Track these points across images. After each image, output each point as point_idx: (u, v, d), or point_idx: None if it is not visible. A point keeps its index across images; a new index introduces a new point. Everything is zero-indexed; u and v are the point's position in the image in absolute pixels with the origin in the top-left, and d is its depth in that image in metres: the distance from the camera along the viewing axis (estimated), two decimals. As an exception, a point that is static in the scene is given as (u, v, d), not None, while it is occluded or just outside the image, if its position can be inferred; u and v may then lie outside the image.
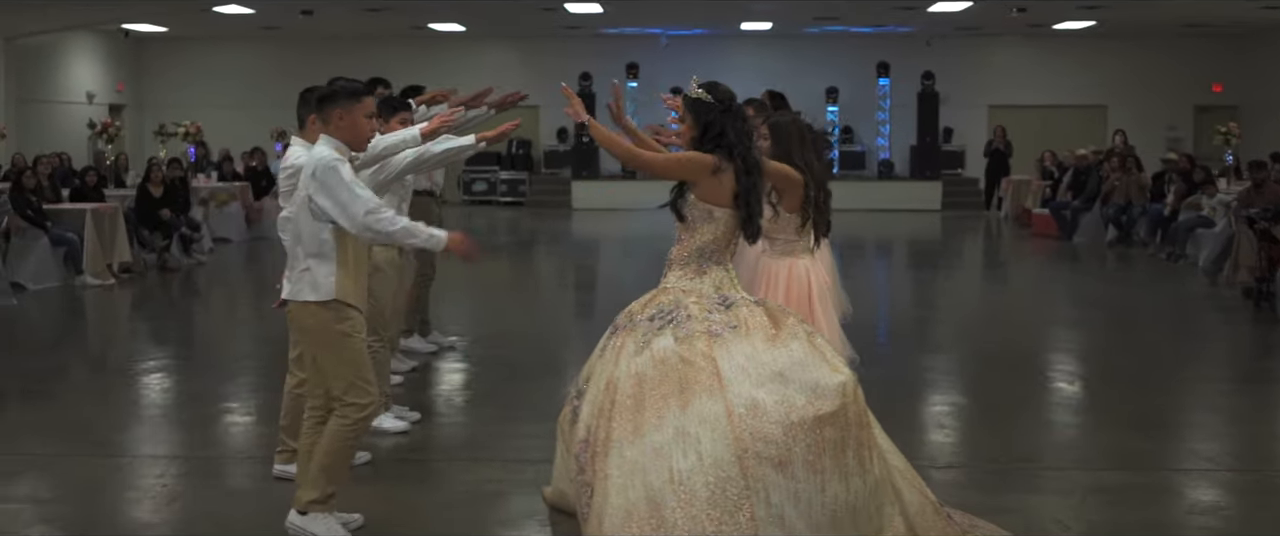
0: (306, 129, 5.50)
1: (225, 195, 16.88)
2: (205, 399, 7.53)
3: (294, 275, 4.68)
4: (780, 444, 4.02)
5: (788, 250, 5.43)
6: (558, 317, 11.70)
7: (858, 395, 4.17)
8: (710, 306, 4.33)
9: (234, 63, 25.45)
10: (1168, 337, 10.23)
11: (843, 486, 4.07)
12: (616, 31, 24.26)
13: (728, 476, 4.00)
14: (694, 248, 4.47)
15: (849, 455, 4.09)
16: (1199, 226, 13.98)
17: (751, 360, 4.15)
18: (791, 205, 5.37)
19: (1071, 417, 7.18)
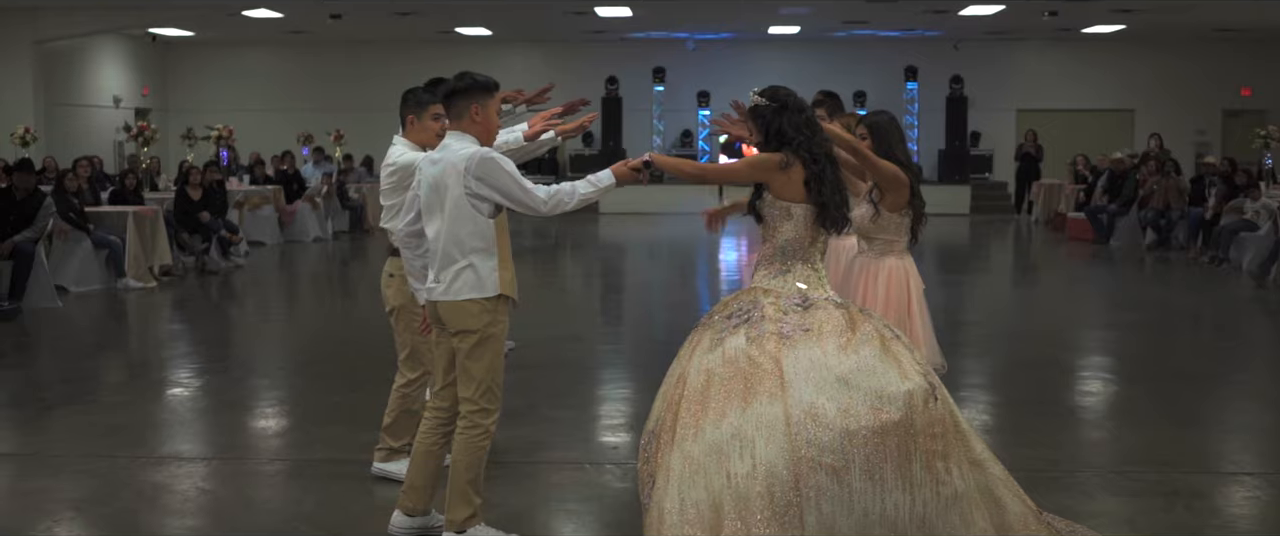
0: (408, 128, 5.45)
1: (259, 198, 16.87)
2: (247, 402, 7.49)
3: (448, 274, 4.53)
4: (837, 451, 3.95)
5: (886, 250, 5.34)
6: (588, 321, 11.62)
7: (929, 405, 4.07)
8: (787, 307, 4.29)
9: (260, 67, 25.49)
10: (1223, 341, 10.15)
11: (907, 497, 3.98)
12: (643, 36, 24.23)
13: (779, 482, 3.94)
14: (777, 246, 4.47)
15: (915, 466, 4.00)
16: (1242, 230, 13.87)
17: (817, 365, 4.09)
18: (895, 204, 5.26)
19: (1134, 420, 7.06)
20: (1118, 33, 23.13)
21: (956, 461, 4.10)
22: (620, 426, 6.76)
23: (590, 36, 23.91)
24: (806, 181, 4.39)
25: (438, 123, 5.36)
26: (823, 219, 4.43)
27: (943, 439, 4.08)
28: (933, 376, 4.22)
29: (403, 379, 5.56)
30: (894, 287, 5.24)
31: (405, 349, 5.51)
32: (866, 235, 5.31)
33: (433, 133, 5.38)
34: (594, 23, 21.51)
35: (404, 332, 5.48)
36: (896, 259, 5.31)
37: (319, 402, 7.39)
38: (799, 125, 4.44)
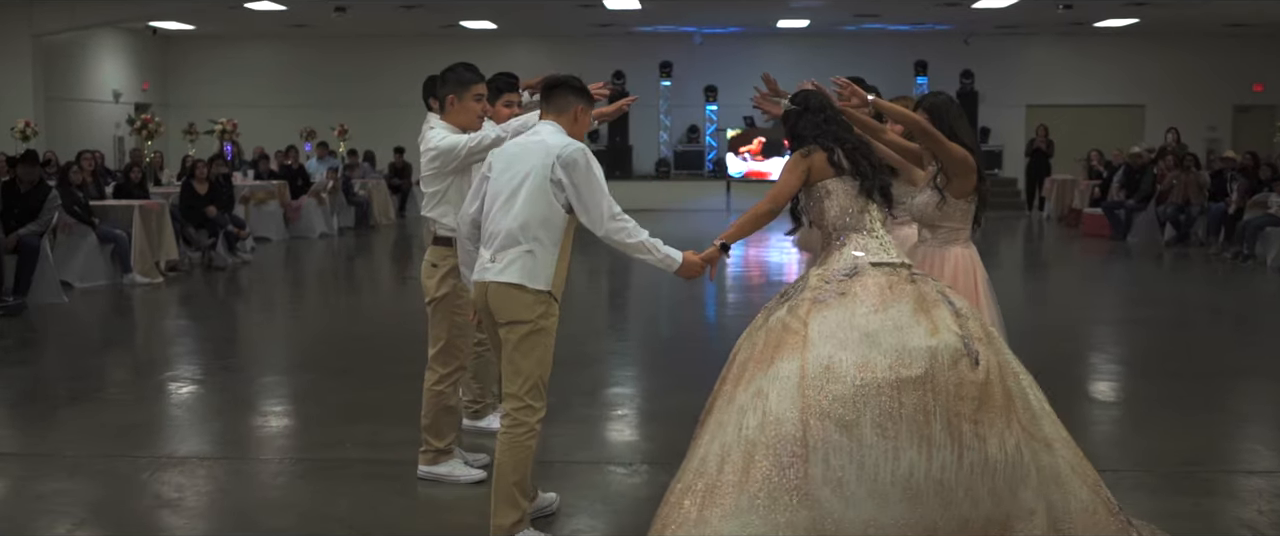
0: (448, 109, 5.20)
1: (264, 193, 16.60)
2: (263, 400, 7.26)
3: (506, 255, 4.36)
4: (849, 403, 3.88)
5: (950, 239, 5.07)
6: (594, 316, 11.36)
7: (959, 365, 3.96)
8: (831, 277, 4.26)
9: (263, 62, 25.20)
10: (1260, 338, 9.89)
11: (922, 457, 3.86)
12: (650, 30, 23.98)
13: (786, 434, 3.89)
14: (826, 229, 4.45)
15: (935, 425, 3.88)
16: (1268, 225, 13.63)
17: (843, 324, 4.05)
18: (962, 190, 5.00)
19: (1210, 417, 6.80)
20: (1129, 27, 22.89)
21: (997, 430, 3.95)
22: (629, 422, 6.51)
23: (596, 30, 23.65)
24: (830, 158, 4.42)
25: (480, 103, 5.12)
26: (865, 187, 4.40)
27: (977, 403, 3.94)
28: (983, 343, 4.07)
29: (434, 375, 5.28)
30: (961, 277, 4.97)
31: (439, 342, 5.24)
32: (930, 223, 5.05)
33: (474, 114, 5.14)
34: (600, 16, 21.25)
35: (440, 324, 5.22)
36: (962, 248, 5.05)
37: (339, 400, 7.12)
38: (816, 124, 4.49)
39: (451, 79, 5.20)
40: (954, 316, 4.11)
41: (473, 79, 5.19)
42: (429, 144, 5.16)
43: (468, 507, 5.07)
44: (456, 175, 5.17)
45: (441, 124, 5.21)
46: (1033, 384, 4.18)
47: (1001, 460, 3.93)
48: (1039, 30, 24.07)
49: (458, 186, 5.17)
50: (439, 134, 5.16)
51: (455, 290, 5.14)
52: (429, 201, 5.23)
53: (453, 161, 5.11)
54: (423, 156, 5.21)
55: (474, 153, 5.09)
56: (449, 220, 5.16)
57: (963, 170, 4.93)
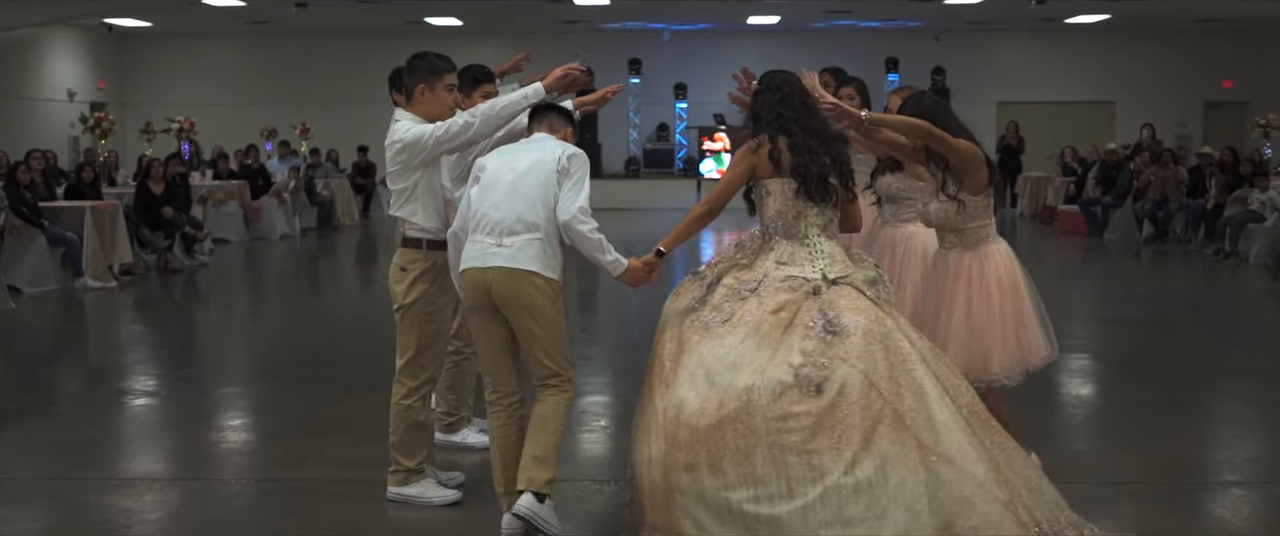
0: (417, 100, 4.82)
1: (223, 193, 16.12)
2: (221, 414, 6.86)
3: (516, 240, 4.41)
4: (689, 448, 4.03)
5: (981, 238, 4.79)
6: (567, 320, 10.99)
7: (786, 399, 3.97)
8: (740, 286, 4.31)
9: (222, 59, 24.66)
10: (1266, 339, 9.65)
11: (751, 495, 3.94)
12: (618, 26, 23.64)
13: (656, 478, 4.10)
14: (764, 224, 4.44)
15: (758, 462, 3.94)
16: (1249, 222, 13.43)
17: (707, 359, 4.14)
18: (977, 185, 4.72)
19: (1194, 422, 6.52)
20: (1099, 24, 22.77)
21: (848, 455, 3.91)
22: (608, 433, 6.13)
23: (563, 27, 23.26)
24: (771, 153, 4.35)
25: (453, 94, 4.76)
26: (803, 190, 4.33)
27: (810, 433, 3.93)
28: (850, 364, 4.00)
29: (402, 388, 4.87)
30: (1006, 276, 4.76)
31: (408, 352, 4.83)
32: (955, 229, 4.78)
33: (447, 105, 4.77)
34: (568, 12, 20.89)
35: (410, 333, 4.82)
36: (994, 245, 4.80)
37: (302, 413, 6.72)
38: (771, 105, 4.43)
39: (421, 68, 4.82)
40: (819, 343, 4.06)
41: (445, 67, 4.82)
42: (394, 136, 4.77)
43: (442, 531, 4.70)
44: (425, 169, 4.79)
45: (407, 116, 4.82)
46: (941, 398, 4.05)
47: (851, 483, 3.90)
48: (1010, 26, 23.92)
49: (427, 182, 4.80)
50: (404, 125, 4.77)
51: (426, 296, 4.76)
52: (397, 200, 4.84)
53: (420, 154, 4.73)
54: (388, 151, 4.82)
55: (442, 142, 4.72)
56: (418, 219, 4.79)
57: (974, 164, 4.66)
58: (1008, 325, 4.73)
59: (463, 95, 5.26)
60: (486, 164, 4.59)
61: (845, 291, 4.22)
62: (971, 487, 3.91)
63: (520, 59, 6.13)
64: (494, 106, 4.79)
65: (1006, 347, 4.72)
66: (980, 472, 3.94)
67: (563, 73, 5.02)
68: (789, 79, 4.51)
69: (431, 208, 4.79)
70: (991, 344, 4.71)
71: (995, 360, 4.70)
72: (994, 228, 4.87)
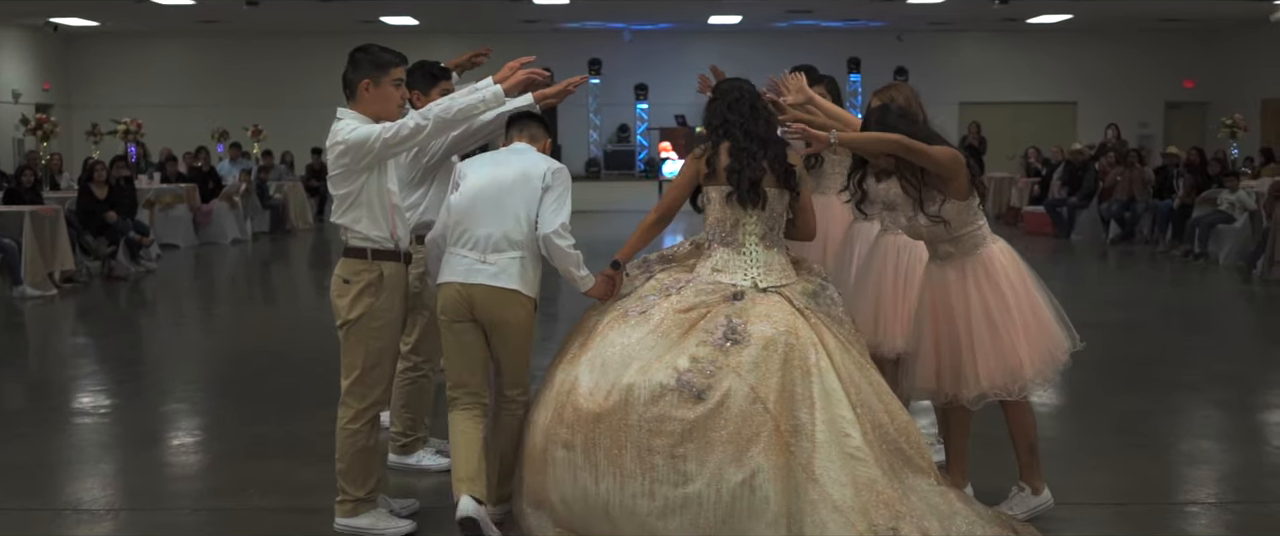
0: (361, 98, 4.46)
1: (171, 197, 15.64)
2: (164, 433, 6.49)
3: (501, 258, 4.43)
4: (572, 427, 4.10)
5: (978, 241, 4.50)
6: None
7: (664, 402, 3.99)
8: (658, 288, 4.39)
9: (172, 60, 24.12)
10: (1241, 343, 9.44)
11: (616, 485, 4.00)
12: (578, 26, 23.31)
13: (537, 444, 4.21)
14: (707, 231, 4.48)
15: (626, 458, 3.99)
16: (1218, 222, 13.29)
17: (612, 345, 4.20)
18: (960, 189, 4.43)
19: (1163, 437, 6.25)
20: (1061, 24, 22.69)
21: (713, 465, 3.92)
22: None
23: (522, 26, 22.89)
24: (709, 160, 4.41)
25: (400, 89, 4.41)
26: (735, 195, 4.35)
27: (678, 438, 3.95)
28: (739, 376, 4.00)
29: (348, 411, 4.47)
30: (1015, 274, 4.50)
31: (353, 371, 4.46)
32: (950, 241, 4.48)
33: (395, 102, 4.42)
34: (526, 11, 20.53)
35: (355, 351, 4.45)
36: (993, 245, 4.53)
37: (249, 432, 6.33)
38: (720, 112, 4.48)
39: (365, 62, 4.45)
40: (713, 350, 4.06)
41: (391, 60, 4.46)
42: (336, 137, 4.41)
43: (395, 566, 4.37)
44: (370, 173, 4.42)
45: (351, 114, 4.45)
46: (836, 416, 4.01)
47: (712, 494, 3.90)
48: (972, 27, 23.80)
49: (373, 187, 4.43)
50: (348, 125, 4.41)
51: (372, 310, 4.41)
52: (339, 206, 4.47)
53: (365, 156, 4.37)
54: (330, 153, 4.45)
55: (391, 145, 4.38)
56: (362, 227, 4.43)
57: (954, 169, 4.40)
58: (1031, 324, 4.49)
59: (419, 92, 4.95)
60: (468, 172, 4.56)
61: (771, 300, 4.23)
62: (827, 512, 3.87)
63: (478, 54, 5.80)
64: (449, 109, 4.46)
65: (1035, 348, 4.47)
66: (843, 497, 3.88)
67: (525, 77, 4.73)
68: (740, 85, 4.53)
69: (377, 215, 4.44)
70: (1020, 347, 4.45)
71: (1027, 364, 4.45)
72: (987, 227, 4.58)
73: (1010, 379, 4.44)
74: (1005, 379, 4.43)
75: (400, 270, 4.52)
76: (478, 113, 4.57)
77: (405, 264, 4.56)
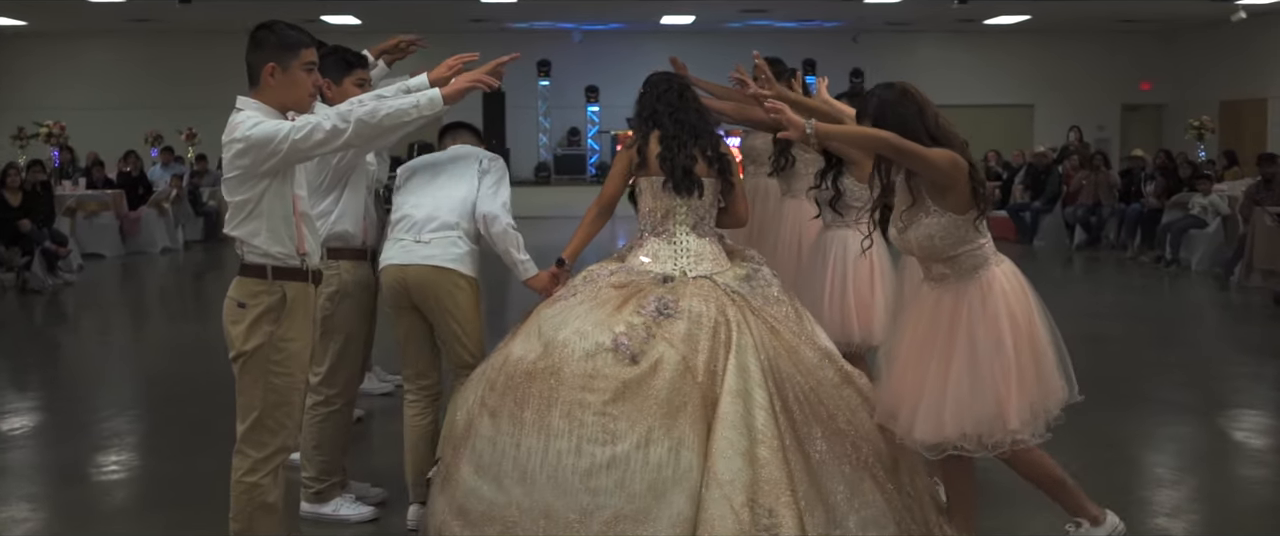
0: (265, 85, 3.80)
1: (95, 204, 14.81)
2: (47, 481, 5.77)
3: (440, 238, 4.46)
4: (500, 392, 4.06)
5: (977, 262, 3.88)
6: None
7: (599, 359, 3.97)
8: (588, 277, 4.35)
9: (103, 60, 23.19)
10: (1222, 355, 8.95)
11: (540, 443, 3.92)
12: (526, 26, 22.68)
13: (459, 423, 4.20)
14: (639, 222, 4.50)
15: (554, 413, 3.93)
16: (1190, 227, 12.85)
17: (540, 318, 4.20)
18: (960, 201, 3.82)
19: (1172, 460, 5.75)
20: (1019, 25, 22.36)
21: (642, 428, 3.88)
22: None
23: (468, 26, 22.20)
24: (640, 151, 4.43)
25: (312, 75, 3.75)
26: (669, 183, 4.36)
27: (611, 396, 3.91)
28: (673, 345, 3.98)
29: (245, 462, 3.80)
30: (1019, 307, 3.84)
31: (251, 412, 3.77)
32: (945, 261, 3.86)
33: (305, 90, 3.76)
34: (472, 10, 19.91)
35: (252, 389, 3.77)
36: (995, 268, 3.88)
37: (157, 472, 5.67)
38: (649, 103, 4.50)
39: (270, 41, 3.78)
40: (646, 319, 4.06)
41: (300, 40, 3.79)
42: (235, 132, 3.72)
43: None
44: (274, 178, 3.75)
45: (253, 104, 3.78)
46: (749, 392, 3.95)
47: (640, 458, 3.85)
48: (929, 27, 23.42)
49: (275, 193, 3.76)
50: (250, 118, 3.72)
51: (273, 341, 3.74)
52: (234, 216, 3.79)
53: (270, 158, 3.69)
54: (225, 151, 3.77)
55: (301, 149, 3.71)
56: (261, 241, 3.76)
57: (953, 176, 3.77)
58: (1026, 369, 3.80)
59: (331, 82, 4.28)
60: (412, 175, 4.67)
61: (701, 284, 4.23)
62: (709, 485, 3.83)
63: (409, 41, 5.17)
64: (375, 112, 3.79)
65: (1024, 397, 3.78)
66: (727, 471, 3.83)
67: (468, 85, 4.06)
68: (668, 77, 4.58)
69: (279, 226, 3.77)
70: (1007, 395, 3.76)
71: (1012, 414, 3.76)
72: (991, 246, 3.95)
73: (987, 429, 3.79)
74: (980, 428, 3.78)
75: (307, 292, 3.85)
76: (410, 123, 3.90)
77: (314, 284, 3.90)
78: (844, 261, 5.10)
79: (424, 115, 3.88)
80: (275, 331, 3.75)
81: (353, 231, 4.41)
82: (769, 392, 3.94)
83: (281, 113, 3.78)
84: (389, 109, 3.81)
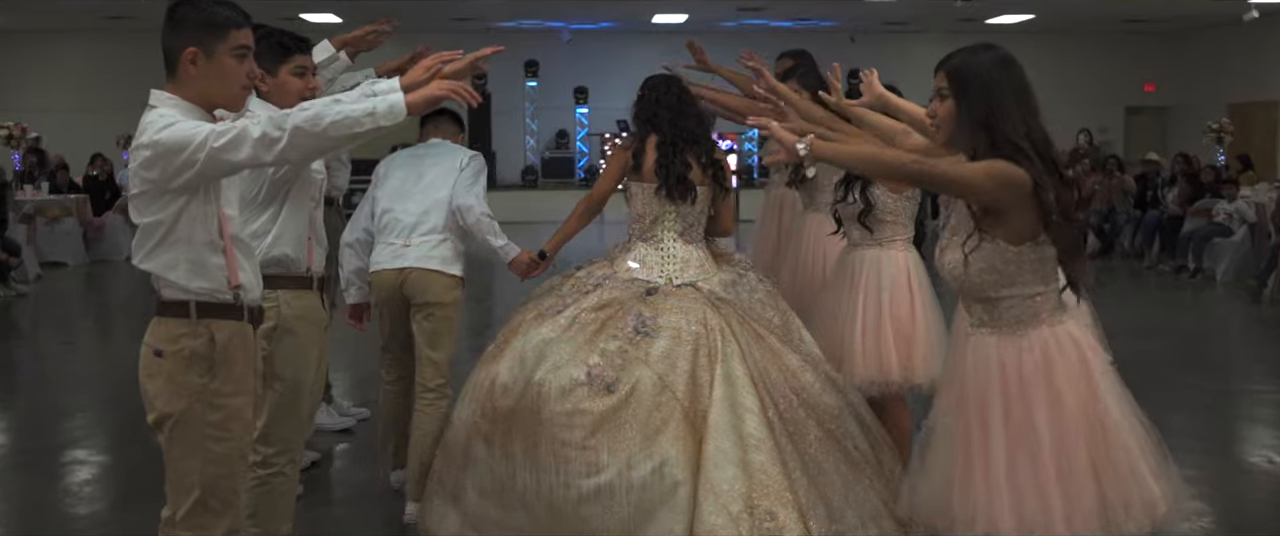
0: (183, 77, 3.03)
1: (57, 210, 14.05)
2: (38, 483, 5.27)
3: (427, 241, 4.69)
4: (491, 421, 4.15)
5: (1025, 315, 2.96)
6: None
7: (575, 395, 4.01)
8: (578, 285, 4.40)
9: (77, 60, 22.45)
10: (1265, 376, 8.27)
11: (532, 478, 4.03)
12: (513, 25, 22.02)
13: (458, 440, 4.29)
14: (629, 225, 4.52)
15: (541, 452, 4.02)
16: (1214, 236, 12.18)
17: (533, 341, 4.21)
18: (1020, 230, 3.00)
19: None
20: (1021, 25, 21.76)
21: (624, 454, 3.94)
22: None
23: (453, 25, 21.54)
24: (635, 155, 4.47)
25: (246, 64, 3.03)
26: (663, 189, 4.39)
27: (590, 431, 3.97)
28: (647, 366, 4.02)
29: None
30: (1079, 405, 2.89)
31: (189, 493, 3.00)
32: (983, 302, 3.03)
33: (237, 82, 3.05)
34: (458, 9, 19.31)
35: (186, 460, 2.99)
36: (1052, 327, 2.97)
37: (136, 521, 4.96)
38: (647, 106, 4.53)
39: (191, 20, 3.00)
40: (622, 344, 4.09)
41: (231, 18, 3.01)
42: (143, 135, 2.94)
43: None
44: (192, 196, 2.97)
45: (169, 100, 3.02)
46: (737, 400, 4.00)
47: (623, 483, 3.92)
48: (929, 28, 22.80)
49: (196, 216, 2.98)
50: (163, 117, 2.95)
51: (206, 398, 2.97)
52: (144, 241, 3.01)
53: (185, 170, 2.89)
54: (133, 158, 3.00)
55: (223, 161, 2.89)
56: (179, 275, 2.99)
57: (999, 197, 2.91)
58: (1076, 461, 2.86)
59: (265, 71, 3.54)
60: (391, 171, 4.86)
61: (684, 293, 4.27)
62: (705, 493, 3.89)
63: (377, 30, 4.52)
64: (318, 120, 2.89)
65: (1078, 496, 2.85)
66: (723, 480, 3.88)
67: (441, 93, 3.23)
68: (667, 80, 4.59)
69: (203, 256, 3.00)
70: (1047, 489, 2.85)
71: (1058, 519, 2.84)
72: (1056, 299, 3.02)
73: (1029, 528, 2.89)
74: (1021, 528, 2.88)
75: (244, 333, 3.09)
76: (360, 130, 2.95)
77: (254, 324, 3.15)
78: (877, 287, 4.45)
79: (381, 126, 2.96)
80: (208, 385, 2.99)
81: (294, 255, 3.58)
82: (759, 398, 4.00)
83: (206, 111, 3.04)
84: (336, 116, 2.91)
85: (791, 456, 3.93)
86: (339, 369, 7.37)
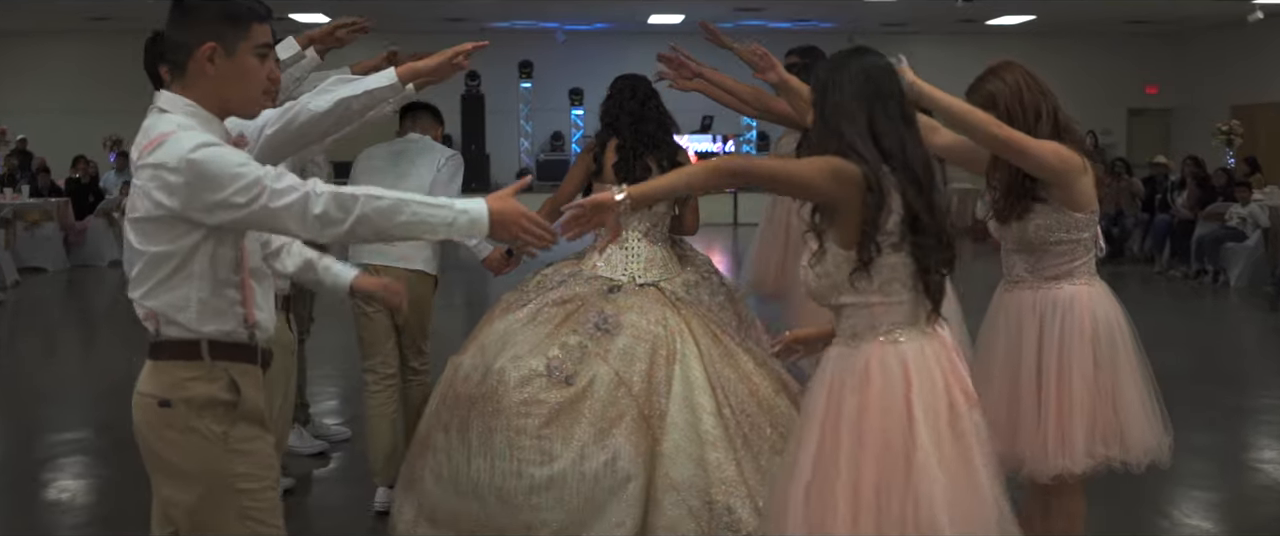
0: (191, 78, 2.60)
1: (36, 214, 13.71)
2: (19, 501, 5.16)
3: (401, 243, 4.68)
4: (450, 409, 4.24)
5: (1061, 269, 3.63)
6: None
7: (533, 385, 4.08)
8: (544, 281, 4.48)
9: (60, 61, 22.15)
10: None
11: (487, 465, 4.08)
12: (507, 26, 21.76)
13: (420, 430, 4.41)
14: None
15: (496, 438, 4.07)
16: (1228, 240, 11.87)
17: (498, 332, 4.31)
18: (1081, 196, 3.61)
19: None
20: (1021, 26, 21.56)
21: (577, 446, 4.02)
22: None
23: (446, 26, 21.24)
24: (597, 158, 4.59)
25: (266, 63, 2.67)
26: None
27: (545, 420, 4.05)
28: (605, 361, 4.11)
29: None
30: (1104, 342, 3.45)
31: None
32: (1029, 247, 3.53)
33: (258, 85, 2.65)
34: (450, 9, 19.10)
35: (224, 529, 2.60)
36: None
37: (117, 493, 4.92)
38: (610, 109, 4.65)
39: (209, 11, 2.59)
40: (583, 339, 4.16)
41: (254, 10, 2.61)
42: (161, 150, 2.49)
43: None
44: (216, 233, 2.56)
45: (184, 106, 2.58)
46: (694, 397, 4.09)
47: (576, 474, 4.00)
48: (928, 29, 22.59)
49: (214, 252, 2.56)
50: (189, 134, 2.50)
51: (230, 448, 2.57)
52: (147, 275, 2.55)
53: (218, 211, 2.46)
54: (138, 174, 2.55)
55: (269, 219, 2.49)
56: (189, 317, 2.57)
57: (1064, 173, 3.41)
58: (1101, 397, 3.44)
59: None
60: (371, 167, 4.92)
61: (646, 293, 4.34)
62: (664, 489, 3.99)
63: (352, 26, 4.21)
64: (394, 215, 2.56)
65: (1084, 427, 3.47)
66: (682, 476, 3.99)
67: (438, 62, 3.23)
68: (634, 83, 4.65)
69: (220, 294, 2.60)
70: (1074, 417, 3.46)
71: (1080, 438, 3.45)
72: (1091, 264, 3.58)
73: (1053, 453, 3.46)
74: None
75: (258, 377, 2.69)
76: (434, 237, 2.63)
77: (264, 366, 2.74)
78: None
79: (457, 235, 2.65)
80: (230, 434, 2.60)
81: None
82: (716, 398, 4.08)
83: (220, 117, 2.63)
84: (412, 217, 2.54)
85: (745, 453, 4.04)
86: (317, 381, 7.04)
